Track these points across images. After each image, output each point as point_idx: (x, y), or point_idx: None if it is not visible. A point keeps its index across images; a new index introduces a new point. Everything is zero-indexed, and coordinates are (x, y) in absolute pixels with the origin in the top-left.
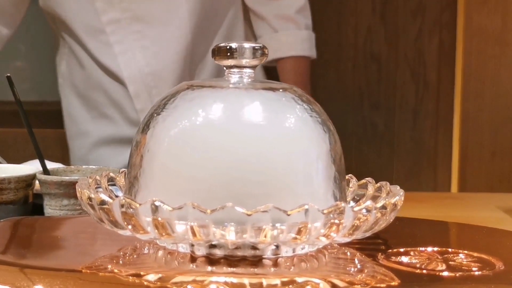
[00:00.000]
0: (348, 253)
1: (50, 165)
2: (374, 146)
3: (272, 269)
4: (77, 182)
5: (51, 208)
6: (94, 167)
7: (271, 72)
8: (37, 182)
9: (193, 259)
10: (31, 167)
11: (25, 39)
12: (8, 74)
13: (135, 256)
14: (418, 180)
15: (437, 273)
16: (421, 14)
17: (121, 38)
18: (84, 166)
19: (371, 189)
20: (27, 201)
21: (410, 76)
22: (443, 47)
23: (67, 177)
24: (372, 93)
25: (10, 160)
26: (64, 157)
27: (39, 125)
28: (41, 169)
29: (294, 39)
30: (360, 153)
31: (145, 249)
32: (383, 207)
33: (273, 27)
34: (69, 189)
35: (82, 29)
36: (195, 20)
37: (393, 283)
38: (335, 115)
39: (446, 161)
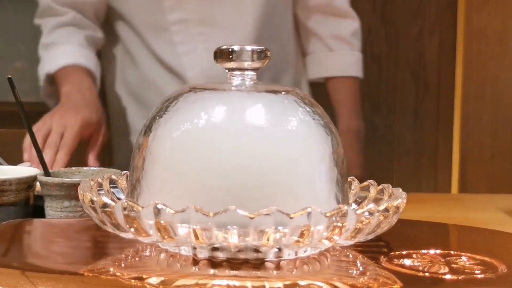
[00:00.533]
0: (350, 256)
1: None
2: (374, 146)
3: (275, 272)
4: (78, 183)
5: (52, 209)
6: (95, 168)
7: (317, 88)
8: (38, 183)
9: (195, 262)
10: (32, 168)
11: (26, 39)
12: (9, 76)
13: (137, 259)
14: (419, 181)
15: (439, 276)
16: (421, 15)
17: (185, 39)
18: (85, 168)
19: (373, 192)
20: (28, 203)
21: (410, 77)
22: (443, 48)
23: (68, 179)
24: (372, 94)
25: (10, 161)
26: None
27: None
28: (42, 170)
29: (350, 60)
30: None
31: (147, 251)
32: (386, 209)
33: (328, 46)
34: (70, 191)
35: (145, 26)
36: (258, 27)
37: (395, 286)
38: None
39: (447, 162)
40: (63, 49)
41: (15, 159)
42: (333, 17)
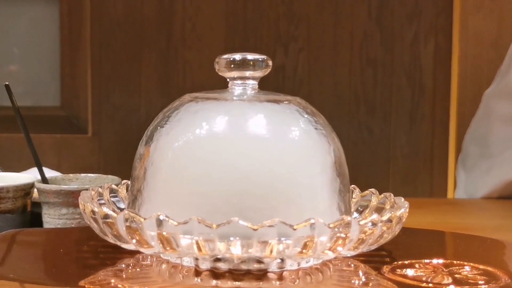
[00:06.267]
0: (353, 266)
1: (49, 173)
2: (370, 150)
3: (277, 282)
4: (76, 190)
5: (49, 217)
6: (93, 175)
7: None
8: (35, 190)
9: (197, 273)
10: (30, 175)
11: (20, 42)
12: (7, 83)
13: (138, 269)
14: (415, 185)
15: (443, 287)
16: (416, 19)
17: None
18: (82, 174)
19: (374, 200)
20: (26, 210)
21: (406, 80)
22: (438, 51)
23: (66, 186)
24: (368, 97)
25: (6, 167)
26: (59, 163)
27: (34, 130)
28: (39, 177)
29: None
30: (356, 157)
31: (148, 262)
32: (389, 220)
33: None
34: (68, 198)
35: None
36: None
37: None
38: (331, 120)
39: (442, 166)
40: None
41: (11, 165)
42: None
